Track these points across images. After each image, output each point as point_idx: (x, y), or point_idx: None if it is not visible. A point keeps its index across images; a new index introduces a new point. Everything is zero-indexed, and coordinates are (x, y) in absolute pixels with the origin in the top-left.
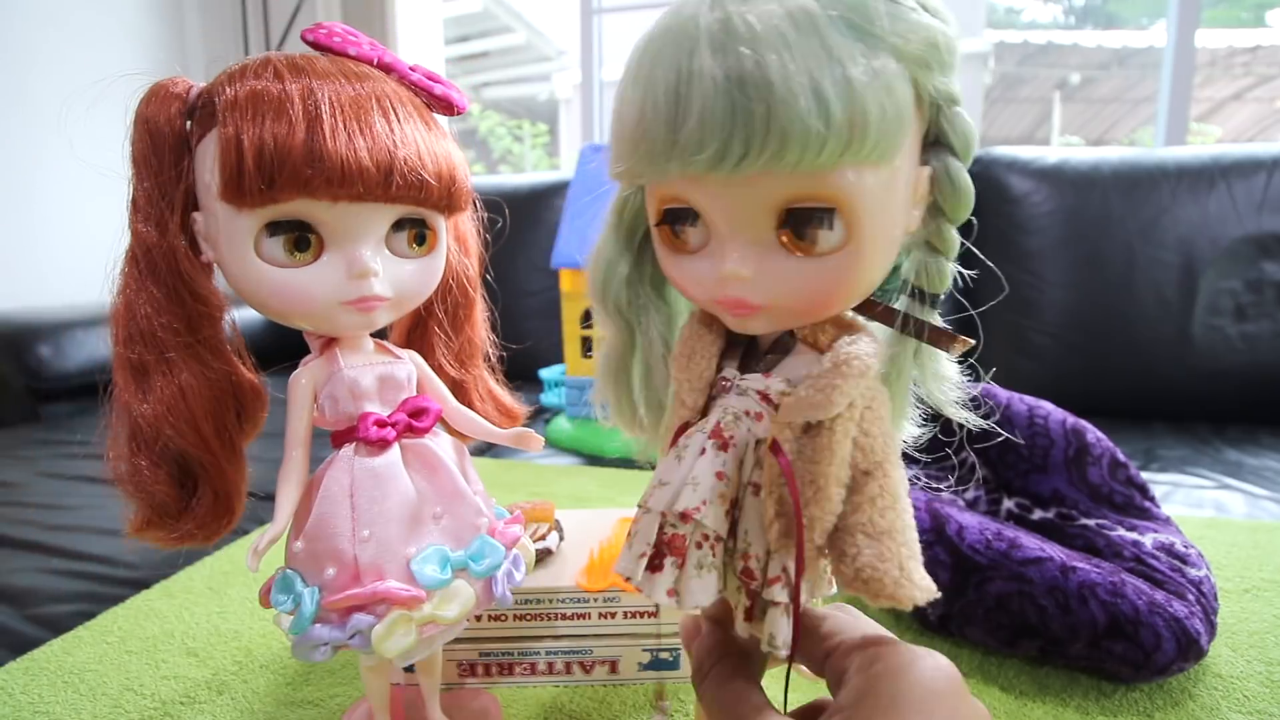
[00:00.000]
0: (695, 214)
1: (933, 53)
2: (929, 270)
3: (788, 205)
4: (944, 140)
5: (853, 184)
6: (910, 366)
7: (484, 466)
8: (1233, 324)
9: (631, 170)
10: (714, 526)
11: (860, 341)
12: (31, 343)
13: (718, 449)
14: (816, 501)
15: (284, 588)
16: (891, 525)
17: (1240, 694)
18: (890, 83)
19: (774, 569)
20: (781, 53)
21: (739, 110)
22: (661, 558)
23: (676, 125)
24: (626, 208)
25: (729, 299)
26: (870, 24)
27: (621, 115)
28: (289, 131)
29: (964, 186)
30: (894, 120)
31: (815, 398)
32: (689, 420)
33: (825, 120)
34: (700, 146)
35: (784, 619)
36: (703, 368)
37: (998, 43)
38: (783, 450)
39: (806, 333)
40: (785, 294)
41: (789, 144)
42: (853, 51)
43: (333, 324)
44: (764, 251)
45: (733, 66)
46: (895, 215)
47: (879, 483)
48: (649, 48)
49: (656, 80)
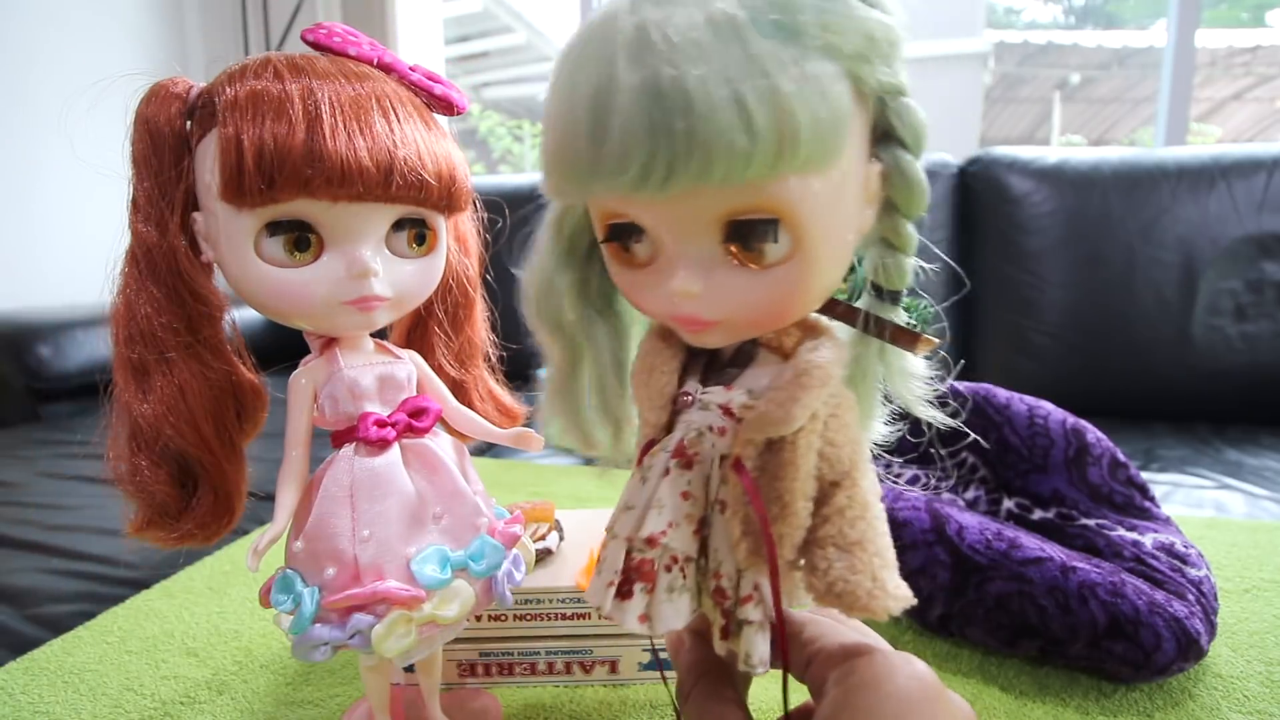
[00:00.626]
0: (641, 229)
1: (870, 46)
2: (887, 267)
3: (730, 218)
4: (893, 134)
5: (793, 192)
6: (875, 365)
7: (484, 466)
8: (1233, 324)
9: (558, 188)
10: (682, 548)
11: (822, 348)
12: (31, 343)
13: (681, 468)
14: (783, 518)
15: (284, 588)
16: (862, 536)
17: (1240, 694)
18: (823, 87)
19: (745, 587)
20: (700, 64)
21: (659, 127)
22: (630, 584)
23: (598, 143)
24: (565, 220)
25: (681, 316)
26: (799, 24)
27: (547, 130)
28: (289, 131)
29: (917, 180)
30: (829, 125)
31: (775, 413)
32: (654, 438)
33: (749, 134)
34: (622, 166)
35: (759, 637)
36: (663, 383)
37: (998, 43)
38: (745, 468)
39: (770, 338)
40: (738, 308)
41: (713, 161)
42: (780, 57)
43: (333, 324)
44: (712, 265)
45: (649, 80)
46: (845, 218)
47: (847, 493)
48: (570, 55)
49: (577, 92)
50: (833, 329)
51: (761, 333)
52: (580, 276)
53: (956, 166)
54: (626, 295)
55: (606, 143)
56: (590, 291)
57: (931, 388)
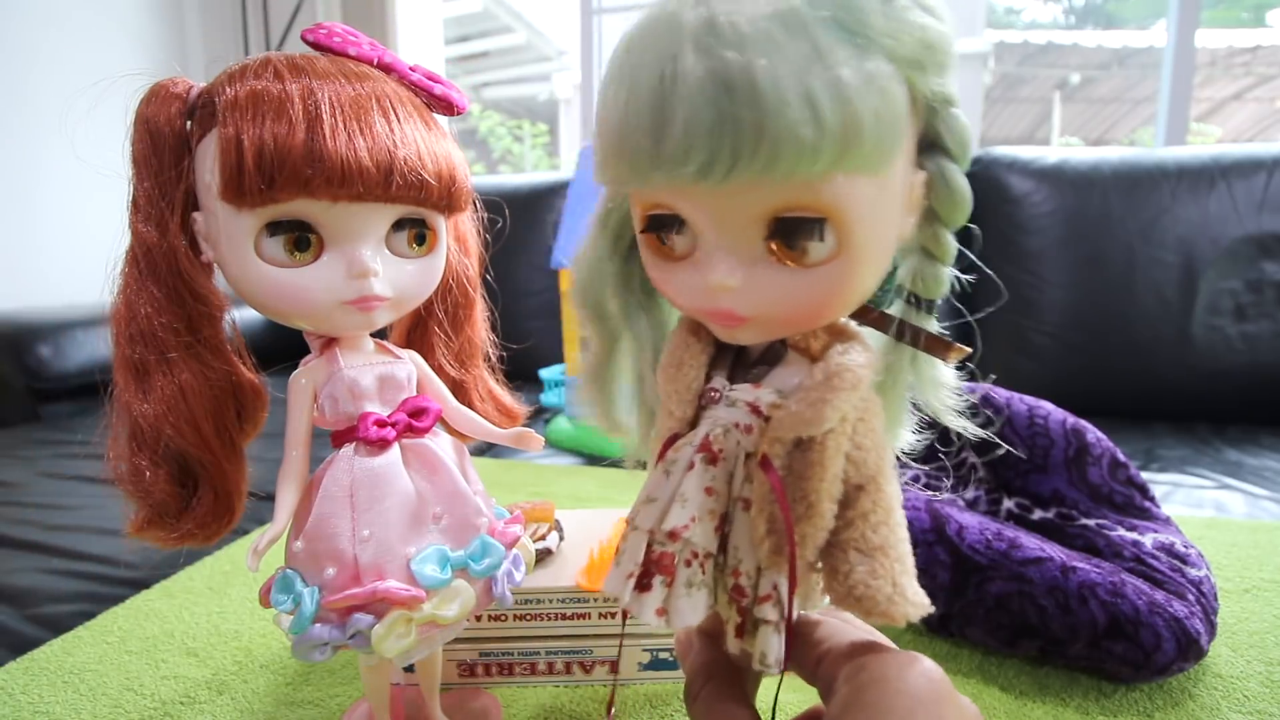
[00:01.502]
0: (681, 220)
1: (928, 53)
2: (925, 276)
3: (776, 214)
4: (939, 143)
5: (845, 193)
6: (906, 374)
7: (484, 466)
8: (1233, 324)
9: (615, 178)
10: (703, 544)
11: (853, 351)
12: (31, 343)
13: (706, 463)
14: (808, 519)
15: (284, 587)
16: (885, 541)
17: (1240, 694)
18: (884, 86)
19: (764, 586)
20: (770, 55)
21: (726, 119)
22: (650, 577)
23: (660, 134)
24: (613, 210)
25: (716, 310)
26: (862, 24)
27: (604, 119)
28: (289, 131)
29: (960, 191)
30: (889, 126)
31: (806, 413)
32: (678, 431)
33: (818, 128)
34: (686, 158)
35: (775, 637)
36: (691, 378)
37: (998, 43)
38: (773, 466)
39: (798, 339)
40: (774, 305)
41: (780, 154)
42: (844, 54)
43: (333, 324)
44: (752, 261)
45: (718, 70)
46: (889, 223)
47: (872, 497)
48: (631, 45)
49: (639, 83)
50: (861, 334)
51: (794, 332)
52: (624, 268)
53: None
54: (659, 287)
55: (670, 134)
56: (633, 284)
57: (961, 397)
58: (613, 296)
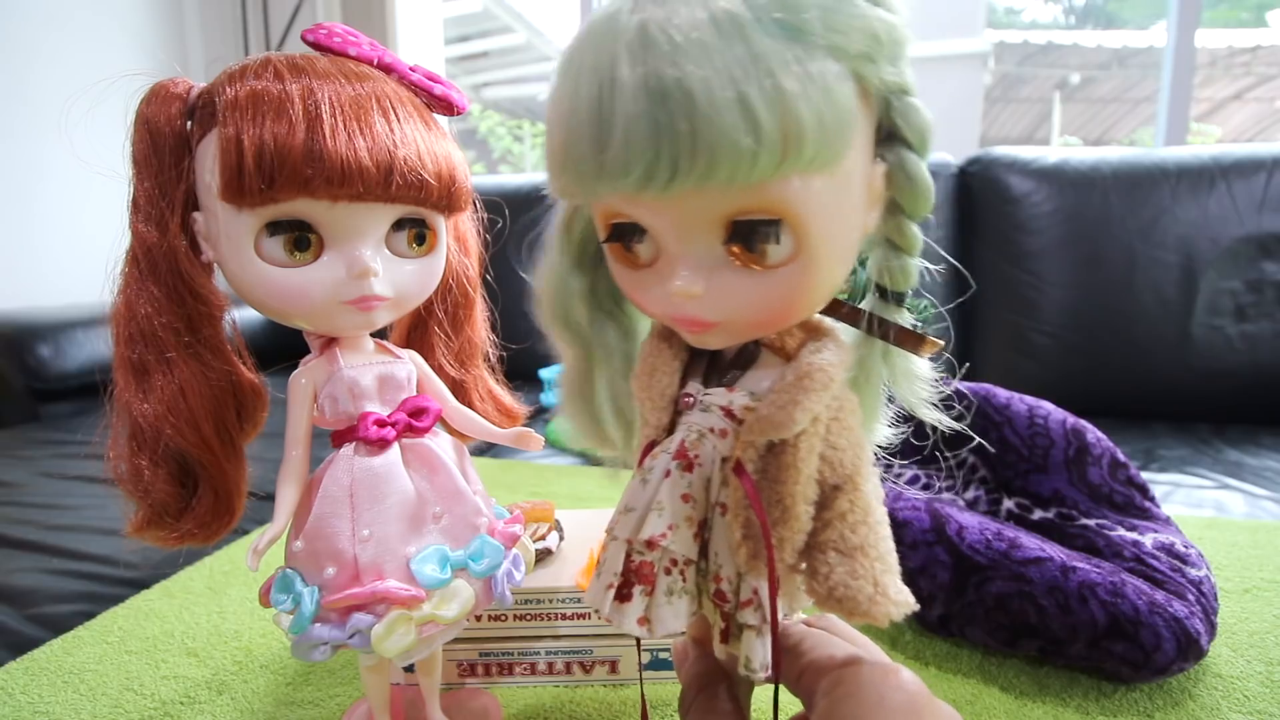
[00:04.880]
0: (643, 229)
1: (875, 45)
2: (892, 269)
3: (732, 218)
4: (898, 134)
5: (797, 193)
6: (879, 367)
7: (484, 466)
8: (1233, 324)
9: (563, 189)
10: (682, 551)
11: (825, 350)
12: (31, 343)
13: (683, 470)
14: (784, 522)
15: (284, 587)
16: (864, 541)
17: (1240, 694)
18: (828, 85)
19: (745, 591)
20: (703, 63)
21: (662, 129)
22: (630, 587)
23: (601, 145)
24: (575, 222)
25: (682, 316)
26: (803, 23)
27: (550, 130)
28: (289, 131)
29: (922, 181)
30: (834, 126)
31: (776, 416)
32: (654, 439)
33: (755, 135)
34: (626, 168)
35: (759, 642)
36: (664, 384)
37: (998, 43)
38: (746, 471)
39: (773, 338)
40: (739, 309)
41: (718, 162)
42: (784, 56)
43: (333, 324)
44: (714, 266)
45: (652, 80)
46: (849, 219)
47: (849, 497)
48: (572, 53)
49: (580, 93)
50: (835, 330)
51: (763, 334)
52: (590, 278)
53: (956, 166)
54: (628, 295)
55: (610, 144)
56: (600, 293)
57: (936, 390)
58: (581, 308)
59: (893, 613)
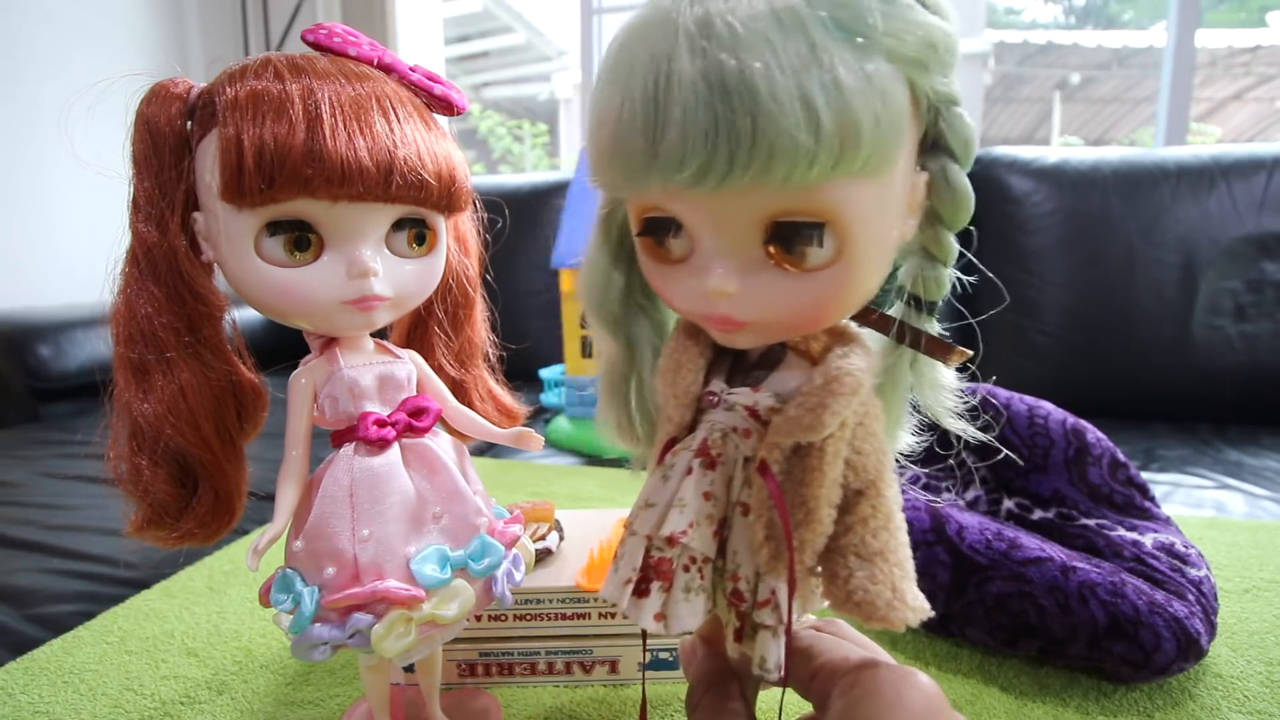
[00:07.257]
0: (678, 223)
1: (930, 53)
2: (926, 278)
3: (774, 219)
4: (942, 144)
5: (844, 198)
6: (906, 376)
7: (484, 466)
8: (1233, 324)
9: (610, 182)
10: (701, 549)
11: (853, 355)
12: (31, 343)
13: (705, 468)
14: (807, 524)
15: (284, 587)
16: (884, 546)
17: (1240, 694)
18: (885, 87)
19: (763, 591)
20: (766, 57)
21: (722, 123)
22: (648, 582)
23: (655, 137)
24: (614, 215)
25: (714, 315)
26: (862, 23)
27: (598, 122)
28: (289, 131)
29: (963, 192)
30: (889, 129)
31: (805, 419)
32: (675, 436)
33: (814, 133)
34: (682, 162)
35: (774, 642)
36: (689, 381)
37: (998, 43)
38: (771, 472)
39: (798, 341)
40: (773, 310)
41: (777, 159)
42: (843, 54)
43: (333, 324)
44: (750, 266)
45: (714, 72)
46: (890, 226)
47: (871, 502)
48: (625, 44)
49: (633, 84)
50: (861, 335)
51: (793, 336)
52: (627, 272)
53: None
54: (657, 290)
55: (665, 137)
56: (634, 286)
57: (961, 399)
58: (617, 301)
59: (909, 619)
